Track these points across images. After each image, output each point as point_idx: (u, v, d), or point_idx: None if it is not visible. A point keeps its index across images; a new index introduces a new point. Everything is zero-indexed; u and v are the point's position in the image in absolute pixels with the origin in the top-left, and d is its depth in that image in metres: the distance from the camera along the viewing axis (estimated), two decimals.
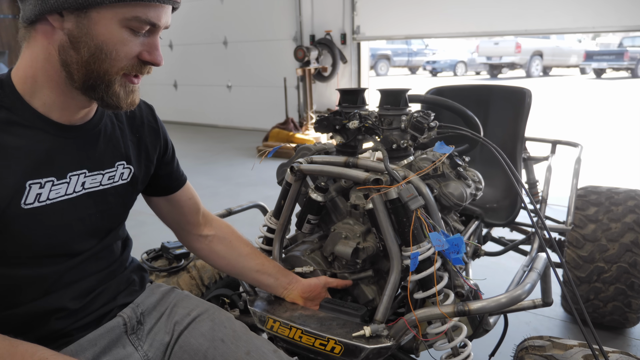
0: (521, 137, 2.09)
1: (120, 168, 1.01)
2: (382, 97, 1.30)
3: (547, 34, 5.98)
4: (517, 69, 16.74)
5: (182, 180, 1.20)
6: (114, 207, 1.02)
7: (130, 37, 0.83)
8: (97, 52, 0.82)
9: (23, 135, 0.84)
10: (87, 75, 0.83)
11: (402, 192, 1.07)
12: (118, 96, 0.87)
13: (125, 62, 0.84)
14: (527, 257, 1.82)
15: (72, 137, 0.91)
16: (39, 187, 0.86)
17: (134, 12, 0.81)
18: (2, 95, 0.84)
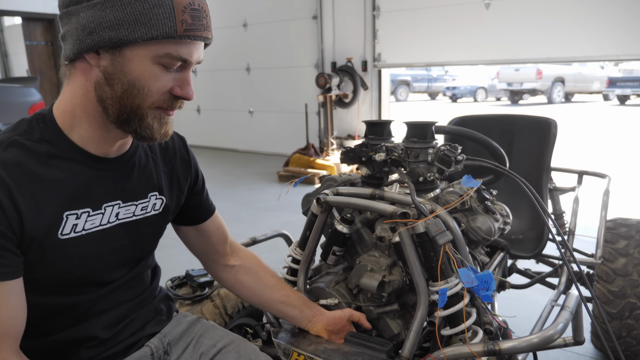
0: (547, 168, 2.07)
1: (152, 199, 1.03)
2: (409, 130, 1.31)
3: (569, 61, 5.93)
4: (539, 95, 16.63)
5: (210, 210, 1.21)
6: (146, 237, 1.03)
7: (162, 73, 0.85)
8: (130, 87, 0.84)
9: (62, 168, 0.87)
10: (121, 110, 0.86)
11: (430, 227, 1.06)
12: (152, 129, 0.89)
13: (157, 97, 0.87)
14: (555, 292, 1.77)
15: (108, 169, 0.94)
16: (75, 218, 0.88)
17: (165, 50, 0.83)
18: (44, 129, 0.87)
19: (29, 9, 8.68)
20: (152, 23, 0.80)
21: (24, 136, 0.85)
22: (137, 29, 0.80)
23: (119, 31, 0.80)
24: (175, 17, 0.80)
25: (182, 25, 0.81)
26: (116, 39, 0.80)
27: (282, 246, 1.90)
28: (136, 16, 0.79)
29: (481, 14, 5.60)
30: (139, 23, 0.79)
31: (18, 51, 12.92)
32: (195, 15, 0.82)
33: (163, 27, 0.80)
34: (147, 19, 0.79)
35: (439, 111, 14.81)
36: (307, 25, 7.16)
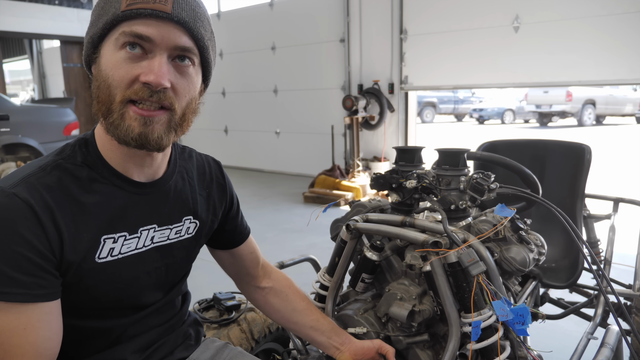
0: (581, 195, 2.02)
1: (187, 223, 1.04)
2: (440, 157, 1.30)
3: (601, 85, 5.82)
4: (568, 117, 16.32)
5: (245, 234, 1.22)
6: (179, 260, 1.04)
7: (129, 60, 0.82)
8: (102, 82, 0.83)
9: (101, 192, 0.89)
10: (99, 108, 0.85)
11: (463, 257, 1.04)
12: (118, 127, 0.83)
13: (125, 87, 0.82)
14: (591, 324, 1.71)
15: (145, 194, 0.95)
16: (113, 242, 0.90)
17: (119, 30, 0.82)
18: (86, 153, 0.90)
19: (67, 33, 9.07)
20: (105, 10, 0.83)
21: (67, 160, 0.88)
22: (99, 22, 0.84)
23: (90, 31, 0.85)
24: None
25: (126, 1, 0.80)
26: (89, 39, 0.85)
27: (309, 269, 1.90)
28: (99, 12, 0.84)
29: (510, 37, 5.57)
30: (100, 16, 0.84)
31: (55, 72, 13.48)
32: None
33: (111, 10, 0.82)
34: (105, 11, 0.83)
35: (466, 133, 14.67)
36: (334, 48, 7.25)
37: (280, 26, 7.91)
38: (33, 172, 0.84)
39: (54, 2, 8.76)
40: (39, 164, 0.86)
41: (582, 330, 1.64)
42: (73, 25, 9.10)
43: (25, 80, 20.84)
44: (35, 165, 0.86)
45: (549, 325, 2.51)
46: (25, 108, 6.58)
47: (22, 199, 0.79)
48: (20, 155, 6.30)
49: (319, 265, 1.82)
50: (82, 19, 9.21)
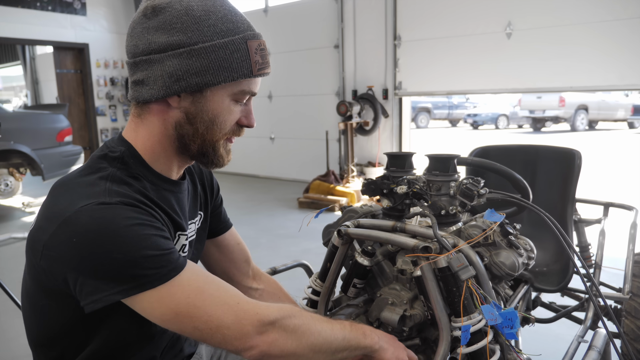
0: (572, 199, 2.04)
1: (198, 215, 1.12)
2: (431, 163, 1.31)
3: (593, 91, 5.88)
4: (561, 122, 16.45)
5: (228, 223, 1.27)
6: (196, 253, 1.12)
7: (235, 107, 0.94)
8: (210, 124, 0.92)
9: (159, 195, 0.95)
10: (202, 144, 0.94)
11: (452, 261, 1.05)
12: (222, 157, 0.98)
13: (229, 129, 0.95)
14: (582, 327, 1.72)
15: (180, 191, 1.02)
16: (185, 239, 1.00)
17: (241, 87, 0.91)
18: (135, 164, 0.93)
19: (60, 39, 9.03)
20: (233, 67, 0.88)
21: (123, 172, 0.90)
22: (220, 73, 0.88)
23: (204, 77, 0.87)
24: (250, 59, 0.89)
25: (256, 66, 0.90)
26: (202, 83, 0.88)
27: (301, 274, 1.90)
28: (220, 62, 0.87)
29: (503, 43, 5.62)
30: (222, 68, 0.87)
31: (48, 78, 13.43)
32: (263, 55, 0.92)
33: (242, 70, 0.89)
34: (228, 64, 0.88)
35: (460, 138, 14.74)
36: (328, 54, 7.28)
37: (275, 32, 7.94)
38: (106, 184, 0.86)
39: (47, 8, 8.75)
40: (101, 176, 0.88)
41: (574, 333, 1.65)
42: (66, 31, 9.08)
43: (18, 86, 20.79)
44: (98, 178, 0.87)
45: (542, 329, 2.52)
46: (17, 114, 6.54)
47: (128, 204, 0.83)
48: (12, 162, 6.25)
49: (312, 271, 1.82)
50: (75, 24, 9.20)
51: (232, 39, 0.88)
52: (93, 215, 0.79)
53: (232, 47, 0.88)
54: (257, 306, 0.88)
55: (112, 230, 0.79)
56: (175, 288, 0.82)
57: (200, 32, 0.86)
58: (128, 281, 0.80)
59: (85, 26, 9.34)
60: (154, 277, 0.81)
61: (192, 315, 0.82)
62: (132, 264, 0.79)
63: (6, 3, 8.21)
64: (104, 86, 9.75)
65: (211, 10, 0.88)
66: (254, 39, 0.91)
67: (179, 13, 0.86)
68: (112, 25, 9.72)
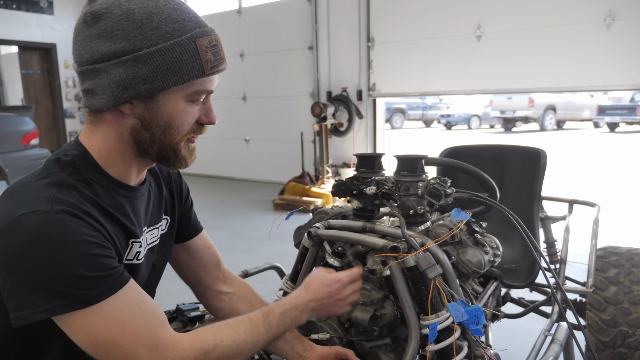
0: (537, 197, 2.09)
1: (163, 220, 1.09)
2: (399, 164, 1.33)
3: (559, 91, 6.06)
4: (531, 122, 16.88)
5: (199, 227, 1.25)
6: (161, 258, 1.10)
7: (192, 107, 0.92)
8: (167, 128, 0.90)
9: (112, 201, 0.92)
10: (161, 148, 0.92)
11: (420, 260, 1.07)
12: (185, 158, 0.97)
13: (188, 129, 0.93)
14: (548, 321, 1.77)
15: (140, 197, 0.99)
16: (139, 246, 0.96)
17: (194, 88, 0.89)
18: (87, 168, 0.91)
19: (26, 38, 8.78)
20: (183, 69, 0.85)
21: (74, 176, 0.88)
22: (169, 77, 0.85)
23: (153, 82, 0.84)
24: (200, 58, 0.86)
25: (208, 65, 0.88)
26: (152, 89, 0.85)
27: (275, 277, 1.90)
28: (168, 66, 0.84)
29: (473, 45, 5.73)
30: (171, 72, 0.84)
31: (14, 79, 13.04)
32: (215, 51, 0.89)
33: (193, 71, 0.86)
34: (177, 67, 0.84)
35: (434, 139, 14.95)
36: (303, 56, 7.29)
37: (249, 33, 7.90)
38: (54, 191, 0.83)
39: (11, 6, 8.49)
40: (49, 182, 0.85)
41: (542, 327, 1.69)
42: (32, 30, 8.84)
43: None
44: (47, 184, 0.85)
45: (511, 324, 2.58)
46: None
47: (71, 214, 0.80)
48: None
49: (284, 273, 1.83)
50: (42, 24, 8.96)
51: (179, 40, 0.84)
52: (32, 225, 0.77)
53: (179, 48, 0.84)
54: (175, 349, 0.86)
55: (46, 244, 0.77)
56: (99, 317, 0.81)
57: (143, 36, 0.82)
58: (55, 299, 0.77)
59: (52, 26, 9.11)
60: (81, 299, 0.79)
61: (109, 349, 0.82)
62: (61, 282, 0.77)
63: None
64: (72, 87, 9.52)
65: (153, 12, 0.83)
66: (203, 36, 0.87)
67: (119, 18, 0.82)
68: None
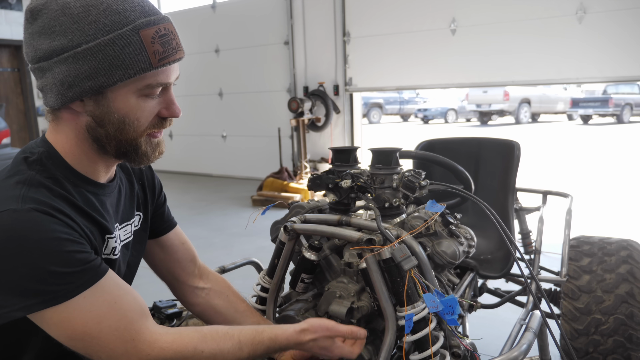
0: (512, 189, 2.13)
1: (135, 217, 1.08)
2: (374, 157, 1.33)
3: (533, 84, 6.17)
4: (507, 115, 17.14)
5: (172, 223, 1.23)
6: (134, 254, 1.08)
7: (147, 102, 0.88)
8: (121, 124, 0.87)
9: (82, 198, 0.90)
10: (118, 145, 0.89)
11: (396, 252, 1.08)
12: (147, 154, 0.93)
13: (147, 124, 0.90)
14: (524, 310, 1.80)
15: (108, 194, 0.97)
16: (114, 242, 0.95)
17: (145, 82, 0.84)
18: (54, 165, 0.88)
19: None
20: (127, 63, 0.80)
21: (42, 174, 0.86)
22: (113, 72, 0.80)
23: (97, 79, 0.81)
24: (146, 50, 0.81)
25: (156, 57, 0.82)
26: (96, 86, 0.82)
27: (253, 273, 1.89)
28: (110, 61, 0.80)
29: (447, 39, 5.78)
30: (114, 67, 0.80)
31: None
32: (164, 42, 0.83)
33: (138, 64, 0.81)
34: (120, 61, 0.80)
35: (411, 133, 15.06)
36: (278, 51, 7.25)
37: (224, 29, 7.82)
38: (23, 189, 0.81)
39: None
40: (17, 180, 0.83)
41: (518, 317, 1.72)
42: (2, 27, 8.59)
43: None
44: (14, 183, 0.83)
45: (489, 314, 2.62)
46: None
47: (43, 212, 0.79)
48: None
49: (262, 268, 1.82)
50: (11, 20, 8.71)
51: (120, 32, 0.79)
52: (3, 225, 0.76)
53: (121, 42, 0.79)
54: (153, 346, 0.85)
55: (20, 243, 0.76)
56: (76, 312, 0.80)
57: (81, 31, 0.78)
58: (31, 297, 0.77)
59: (21, 22, 8.83)
60: (58, 294, 0.78)
61: (86, 343, 0.82)
62: (37, 280, 0.76)
63: None
64: None
65: (91, 4, 0.79)
66: (149, 26, 0.81)
67: (55, 14, 0.79)
68: None
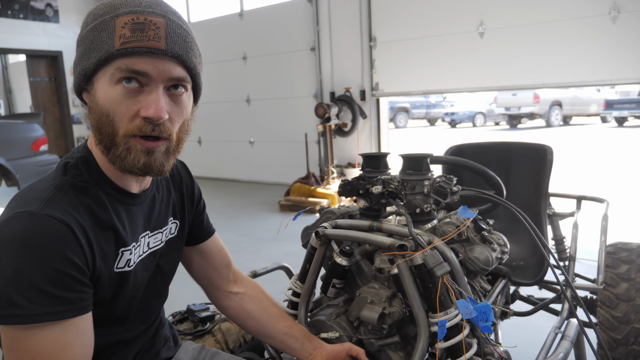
0: (545, 194, 2.09)
1: (170, 223, 1.09)
2: (405, 163, 1.33)
3: (565, 87, 6.03)
4: (537, 118, 16.77)
5: (211, 230, 1.25)
6: (169, 261, 1.09)
7: (127, 95, 0.83)
8: (102, 115, 0.84)
9: (111, 207, 0.91)
10: (101, 139, 0.86)
11: (428, 258, 1.07)
12: (123, 158, 0.85)
13: (128, 123, 0.84)
14: (558, 319, 1.76)
15: (139, 204, 0.99)
16: (129, 254, 0.94)
17: (114, 66, 0.82)
18: (89, 171, 0.91)
19: (33, 47, 8.88)
20: (99, 46, 0.82)
21: (77, 179, 0.88)
22: (90, 55, 0.83)
23: (81, 63, 0.85)
24: (114, 34, 0.81)
25: (120, 39, 0.81)
26: (82, 71, 0.85)
27: (282, 277, 1.91)
28: (89, 45, 0.84)
29: (475, 42, 5.72)
30: (91, 50, 0.83)
31: (22, 87, 13.15)
32: (136, 28, 0.81)
33: (104, 47, 0.82)
34: (96, 45, 0.83)
35: (438, 137, 14.91)
36: (305, 57, 7.30)
37: (251, 36, 7.92)
38: (52, 193, 0.84)
39: (18, 16, 8.57)
40: (52, 184, 0.86)
41: (552, 325, 1.69)
42: (39, 39, 8.92)
43: None
44: (49, 186, 0.85)
45: (521, 322, 2.57)
46: None
47: (58, 219, 0.80)
48: None
49: (292, 273, 1.83)
50: (48, 32, 9.04)
51: (103, 19, 0.83)
52: (16, 225, 0.78)
53: (100, 26, 0.82)
54: None
55: (20, 247, 0.76)
56: (32, 345, 0.78)
57: (85, 21, 0.86)
58: (3, 306, 0.76)
59: (58, 33, 9.19)
60: (25, 312, 0.76)
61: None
62: (15, 289, 0.76)
63: None
64: None
65: (105, 1, 0.86)
66: (129, 14, 0.82)
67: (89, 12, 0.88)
68: None
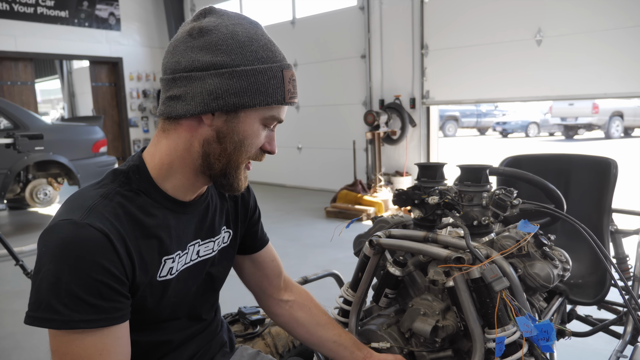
0: (607, 210, 1.99)
1: (223, 232, 1.12)
2: (462, 174, 1.31)
3: (627, 97, 5.74)
4: (595, 129, 16.00)
5: (265, 240, 1.27)
6: (221, 269, 1.12)
7: (262, 131, 0.97)
8: (239, 145, 0.94)
9: (157, 216, 0.95)
10: (227, 164, 0.95)
11: (486, 272, 1.05)
12: (240, 181, 0.99)
13: (253, 153, 0.97)
14: (621, 342, 1.67)
15: (190, 212, 1.02)
16: (172, 262, 0.97)
17: (272, 112, 0.95)
18: (139, 180, 0.95)
19: (96, 53, 9.38)
20: (269, 92, 0.92)
21: (124, 187, 0.93)
22: (256, 96, 0.91)
23: (242, 98, 0.90)
24: (284, 87, 0.93)
25: (288, 94, 0.94)
26: (239, 104, 0.90)
27: (331, 284, 1.91)
28: (257, 86, 0.91)
29: (532, 50, 5.54)
30: (259, 92, 0.91)
31: (84, 91, 13.90)
32: (294, 85, 0.96)
33: (276, 96, 0.92)
34: (265, 88, 0.91)
35: (489, 147, 14.52)
36: (355, 64, 7.32)
37: (302, 43, 8.03)
38: (97, 201, 0.88)
39: (84, 24, 9.08)
40: (99, 193, 0.90)
41: (612, 348, 1.61)
42: (102, 46, 9.41)
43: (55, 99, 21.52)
44: (96, 194, 0.90)
45: (578, 343, 2.45)
46: (56, 126, 6.79)
47: (97, 229, 0.83)
48: (50, 172, 6.49)
49: (342, 281, 1.83)
50: (110, 40, 9.52)
51: (271, 66, 0.92)
52: (59, 233, 0.82)
53: (270, 73, 0.92)
54: None
55: (61, 255, 0.80)
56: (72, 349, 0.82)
57: (243, 56, 0.91)
58: (42, 310, 0.80)
59: (119, 41, 9.65)
60: (62, 317, 0.80)
61: None
62: (55, 294, 0.80)
63: (47, 21, 8.58)
64: (136, 98, 10.05)
65: (254, 38, 0.93)
66: (289, 69, 0.96)
67: (225, 36, 0.91)
68: (145, 40, 10.02)
